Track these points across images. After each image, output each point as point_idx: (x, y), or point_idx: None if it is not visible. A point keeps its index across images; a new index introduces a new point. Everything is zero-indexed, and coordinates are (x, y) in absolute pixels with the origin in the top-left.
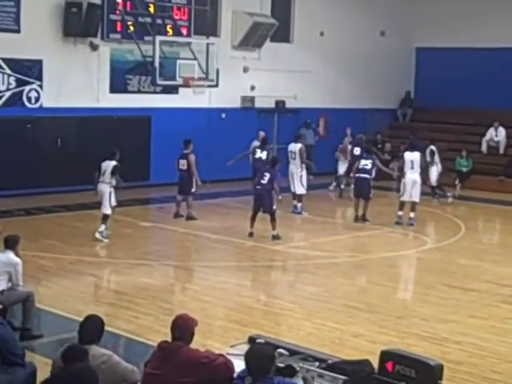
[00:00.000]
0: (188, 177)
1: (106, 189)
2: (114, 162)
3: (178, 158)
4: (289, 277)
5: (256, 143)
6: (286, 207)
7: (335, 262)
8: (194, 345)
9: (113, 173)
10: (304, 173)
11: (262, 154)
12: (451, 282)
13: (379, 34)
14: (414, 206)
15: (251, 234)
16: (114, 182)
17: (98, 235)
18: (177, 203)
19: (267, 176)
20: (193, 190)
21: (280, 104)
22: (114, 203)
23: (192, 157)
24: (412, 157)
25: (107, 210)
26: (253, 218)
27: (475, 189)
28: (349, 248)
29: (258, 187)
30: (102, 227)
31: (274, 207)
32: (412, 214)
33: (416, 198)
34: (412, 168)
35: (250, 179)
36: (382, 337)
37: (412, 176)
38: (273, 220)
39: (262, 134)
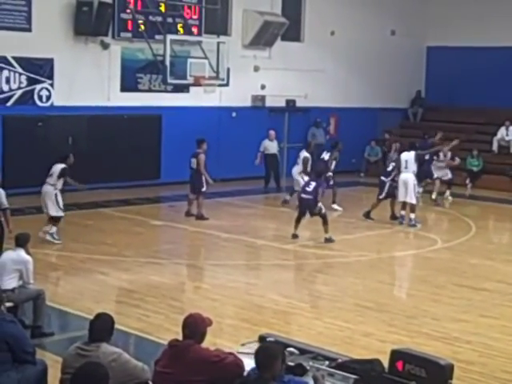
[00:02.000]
0: (197, 176)
1: (51, 191)
2: (62, 165)
3: (191, 156)
4: (299, 276)
5: (267, 142)
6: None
7: (345, 262)
8: (204, 343)
9: (61, 175)
10: None
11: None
12: (462, 281)
13: (390, 33)
14: (411, 207)
15: (295, 236)
16: (59, 185)
17: (48, 237)
18: (189, 202)
19: (312, 185)
20: (203, 189)
21: (290, 103)
22: (61, 206)
23: (201, 156)
24: (407, 156)
25: (57, 212)
26: (297, 221)
27: (486, 188)
28: (359, 247)
29: (303, 195)
30: (54, 229)
31: (323, 210)
32: (412, 215)
33: (409, 198)
34: (406, 167)
35: (260, 178)
36: (393, 336)
37: (402, 176)
38: (325, 223)
39: (272, 132)
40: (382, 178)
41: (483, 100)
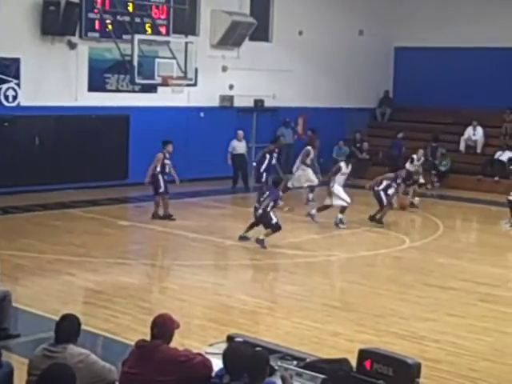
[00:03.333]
0: (154, 177)
1: None
2: None
3: None
4: (267, 276)
5: (235, 142)
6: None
7: (314, 261)
8: (172, 344)
9: None
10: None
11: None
12: (429, 280)
13: (358, 34)
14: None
15: (243, 238)
16: None
17: None
18: (155, 203)
19: (267, 196)
20: (160, 190)
21: (259, 103)
22: None
23: (157, 155)
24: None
25: None
26: (251, 226)
27: (453, 188)
28: (327, 247)
29: (257, 210)
30: None
31: (274, 221)
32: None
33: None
34: None
35: (228, 178)
36: (361, 335)
37: None
38: (271, 231)
39: (240, 133)
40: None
41: (451, 100)
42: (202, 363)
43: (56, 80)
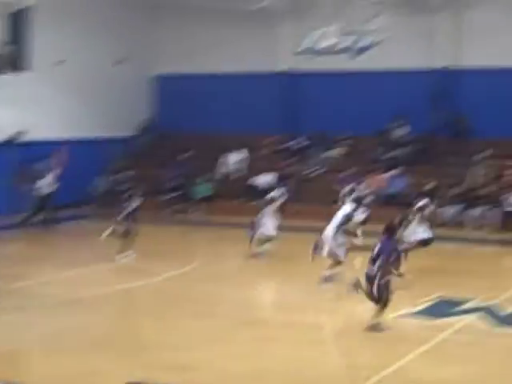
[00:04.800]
0: None
1: None
2: None
3: None
4: (15, 319)
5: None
6: None
7: (63, 300)
8: None
9: None
10: None
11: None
12: (186, 310)
13: (116, 63)
14: None
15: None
16: None
17: None
18: None
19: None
20: None
21: (12, 137)
22: None
23: None
24: None
25: None
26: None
27: (217, 213)
28: (82, 284)
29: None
30: None
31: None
32: None
33: None
34: None
35: None
36: (124, 370)
37: None
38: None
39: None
40: None
41: (213, 126)
42: None
43: None
